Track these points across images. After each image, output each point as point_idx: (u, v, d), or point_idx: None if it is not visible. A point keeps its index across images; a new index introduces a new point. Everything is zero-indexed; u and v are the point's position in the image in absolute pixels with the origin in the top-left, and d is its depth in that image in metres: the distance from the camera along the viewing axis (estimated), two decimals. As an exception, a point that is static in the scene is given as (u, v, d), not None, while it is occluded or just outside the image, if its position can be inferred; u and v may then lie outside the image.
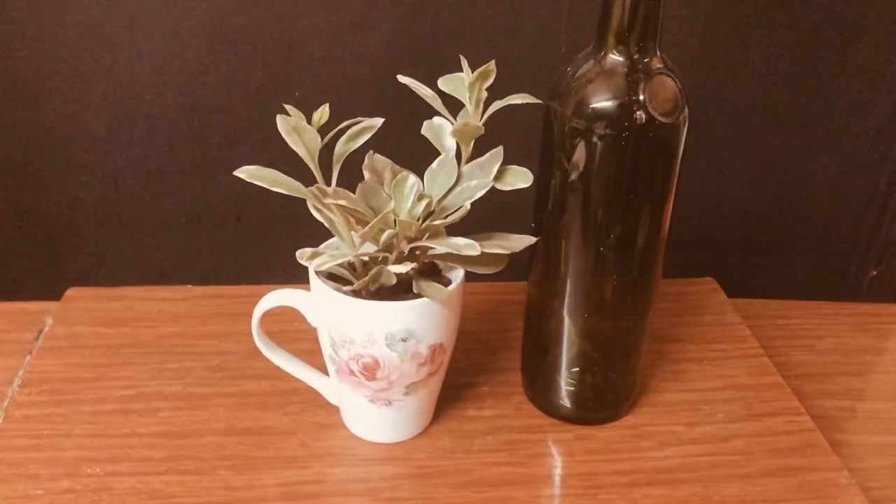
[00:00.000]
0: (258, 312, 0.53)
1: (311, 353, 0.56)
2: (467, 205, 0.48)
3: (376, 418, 0.55)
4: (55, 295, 0.73)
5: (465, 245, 0.47)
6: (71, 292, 0.69)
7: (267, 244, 0.84)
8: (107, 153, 0.78)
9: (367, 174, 0.53)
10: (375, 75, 0.76)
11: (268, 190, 0.48)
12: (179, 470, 0.53)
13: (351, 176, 0.52)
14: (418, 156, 0.52)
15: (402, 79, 0.50)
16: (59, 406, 0.57)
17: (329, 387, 0.57)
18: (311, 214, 0.52)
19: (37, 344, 0.63)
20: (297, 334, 0.63)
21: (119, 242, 0.82)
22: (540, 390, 0.59)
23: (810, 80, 0.79)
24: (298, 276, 0.54)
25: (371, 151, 0.53)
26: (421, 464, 0.54)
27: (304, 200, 0.50)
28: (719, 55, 0.78)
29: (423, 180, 0.51)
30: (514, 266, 0.61)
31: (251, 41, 0.74)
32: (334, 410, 0.58)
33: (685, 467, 0.55)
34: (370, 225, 0.46)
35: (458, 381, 0.61)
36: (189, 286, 0.70)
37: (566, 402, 0.58)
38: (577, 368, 0.57)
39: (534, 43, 0.75)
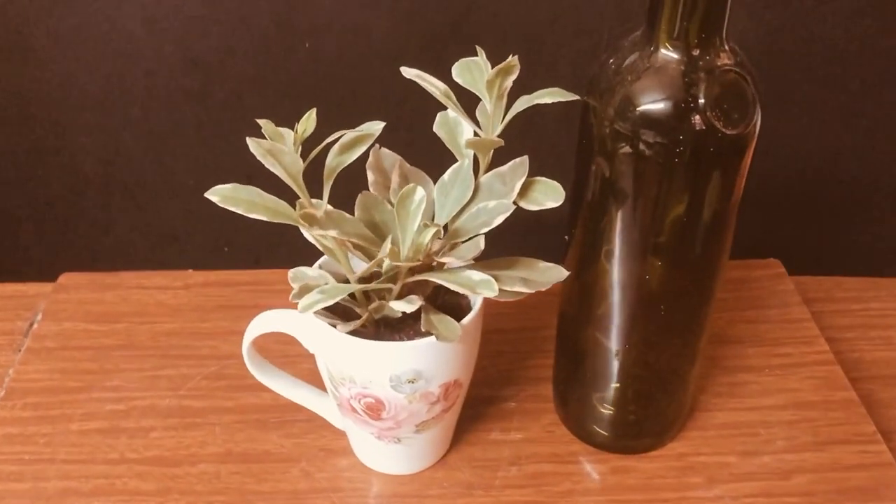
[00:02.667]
0: (247, 339, 0.47)
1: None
2: (481, 242, 0.40)
3: (385, 452, 0.48)
4: (60, 264, 0.67)
5: (481, 282, 0.40)
6: (63, 279, 0.63)
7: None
8: (104, 114, 0.71)
9: (371, 175, 0.45)
10: (394, 24, 0.66)
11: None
12: (169, 507, 0.48)
13: (354, 176, 0.44)
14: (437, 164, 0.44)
15: (406, 72, 0.41)
16: (44, 423, 0.52)
17: (335, 412, 0.50)
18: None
19: (25, 343, 0.58)
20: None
21: (126, 207, 0.76)
22: (573, 412, 0.52)
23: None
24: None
25: (377, 146, 0.45)
26: (435, 502, 0.48)
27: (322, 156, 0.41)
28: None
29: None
30: (550, 252, 0.53)
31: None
32: (342, 432, 0.52)
33: (737, 512, 0.48)
34: (364, 269, 0.38)
35: (482, 393, 0.54)
36: (190, 271, 0.64)
37: (602, 427, 0.51)
38: (617, 385, 0.50)
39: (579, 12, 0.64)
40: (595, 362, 0.49)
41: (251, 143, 0.37)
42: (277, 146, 0.37)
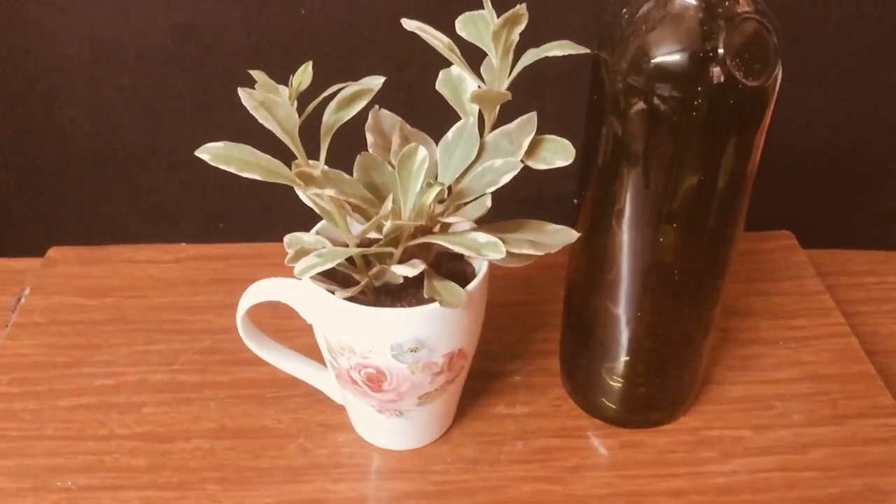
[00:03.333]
0: (241, 309, 0.45)
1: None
2: (488, 200, 0.38)
3: (386, 426, 0.47)
4: (49, 238, 0.65)
5: (487, 244, 0.38)
6: (52, 253, 0.61)
7: (279, 199, 0.74)
8: (93, 84, 0.69)
9: (370, 137, 0.43)
10: (392, 38, 0.64)
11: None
12: (160, 483, 0.46)
13: (352, 139, 0.42)
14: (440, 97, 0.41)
15: (407, 24, 0.39)
16: (31, 399, 0.50)
17: (334, 385, 0.48)
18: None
19: (12, 318, 0.56)
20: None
21: (117, 182, 0.74)
22: (580, 385, 0.50)
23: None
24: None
25: (376, 106, 0.43)
26: (438, 478, 0.46)
27: (334, 145, 0.40)
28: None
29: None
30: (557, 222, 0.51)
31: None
32: (341, 407, 0.50)
33: (753, 486, 0.46)
34: (363, 228, 0.36)
35: (486, 367, 0.52)
36: (182, 244, 0.62)
37: (611, 401, 0.49)
38: (627, 358, 0.48)
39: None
40: (604, 333, 0.47)
41: (243, 94, 0.35)
42: (271, 98, 0.35)
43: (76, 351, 0.53)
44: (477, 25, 0.40)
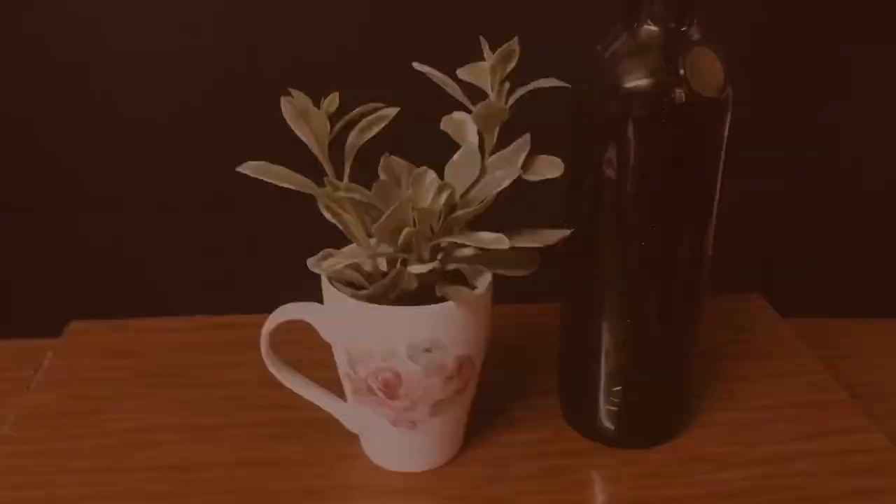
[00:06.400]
0: (268, 328, 0.49)
1: (329, 381, 0.52)
2: (492, 194, 0.43)
3: (400, 444, 0.49)
4: (55, 333, 0.67)
5: (493, 239, 0.43)
6: (73, 325, 0.64)
7: (286, 279, 0.79)
8: (114, 186, 0.74)
9: (382, 176, 0.49)
10: (396, 73, 0.71)
11: (285, 220, 0.42)
12: (184, 505, 0.48)
13: (364, 181, 0.48)
14: (441, 155, 0.48)
15: (417, 66, 0.46)
16: (57, 441, 0.52)
17: (348, 412, 0.52)
18: (336, 244, 0.48)
19: (36, 378, 0.59)
20: (313, 362, 0.58)
21: (125, 279, 0.78)
22: (579, 413, 0.54)
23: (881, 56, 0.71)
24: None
25: (387, 153, 0.49)
26: (452, 493, 0.49)
27: (330, 230, 0.46)
28: (766, 24, 0.69)
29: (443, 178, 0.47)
30: (545, 288, 0.56)
31: (267, 58, 0.70)
32: (354, 440, 0.52)
33: (747, 491, 0.49)
34: (385, 215, 0.41)
35: (489, 405, 0.55)
36: (198, 316, 0.66)
37: (609, 423, 0.52)
38: (620, 387, 0.52)
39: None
40: (597, 358, 0.51)
41: (284, 103, 0.41)
42: (310, 107, 0.41)
43: (100, 401, 0.56)
44: (476, 72, 0.47)
